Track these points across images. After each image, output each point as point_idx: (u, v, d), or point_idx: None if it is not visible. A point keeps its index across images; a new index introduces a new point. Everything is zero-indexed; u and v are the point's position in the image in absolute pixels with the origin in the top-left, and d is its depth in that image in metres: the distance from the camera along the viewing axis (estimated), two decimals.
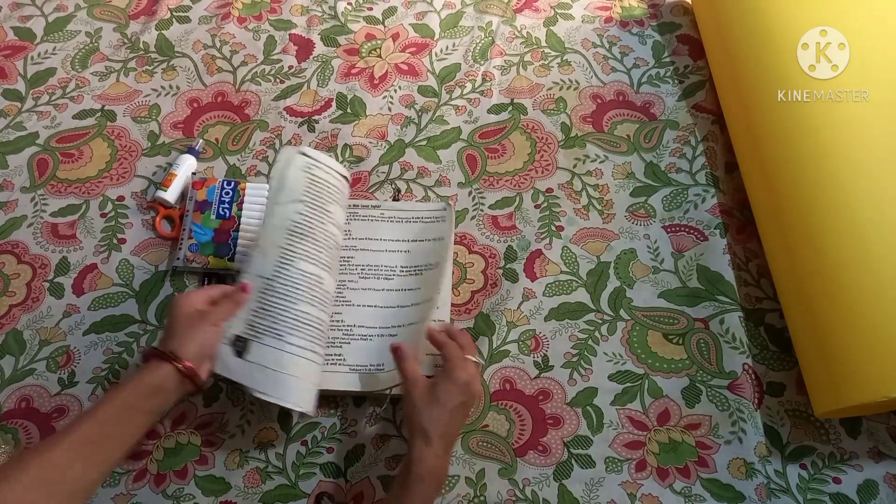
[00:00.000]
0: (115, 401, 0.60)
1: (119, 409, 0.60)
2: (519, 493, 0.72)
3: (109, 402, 0.60)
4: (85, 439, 0.57)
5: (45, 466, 0.54)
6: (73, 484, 0.56)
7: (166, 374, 0.62)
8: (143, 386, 0.61)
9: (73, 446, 0.56)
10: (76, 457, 0.56)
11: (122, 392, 0.60)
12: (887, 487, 0.71)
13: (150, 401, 0.61)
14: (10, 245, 0.85)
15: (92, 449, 0.57)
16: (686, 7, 1.06)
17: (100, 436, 0.58)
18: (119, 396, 0.60)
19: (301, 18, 1.06)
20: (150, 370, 0.62)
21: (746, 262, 0.84)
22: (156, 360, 0.63)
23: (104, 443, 0.58)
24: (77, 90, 0.98)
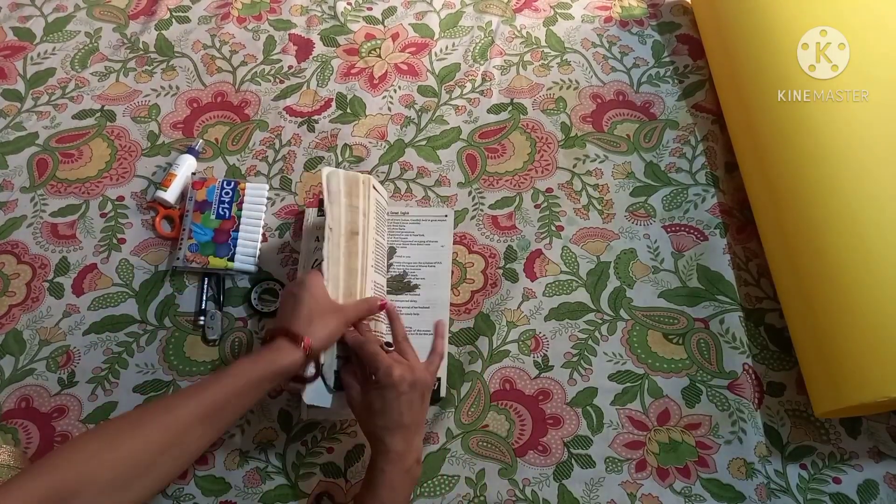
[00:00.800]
0: (244, 375, 0.60)
1: (245, 382, 0.60)
2: (519, 493, 0.72)
3: (238, 375, 0.60)
4: (208, 406, 0.58)
5: (169, 428, 0.56)
6: (189, 446, 0.58)
7: (295, 359, 0.62)
8: (274, 367, 0.61)
9: (197, 411, 0.57)
10: (197, 422, 0.57)
11: (252, 367, 0.61)
12: (887, 487, 0.71)
13: (275, 380, 0.62)
14: (9, 245, 0.85)
15: (213, 416, 0.58)
16: (686, 7, 1.06)
17: (223, 404, 0.59)
18: (248, 371, 0.60)
19: (301, 18, 1.05)
20: (282, 353, 0.62)
21: (746, 262, 0.84)
22: (286, 342, 0.62)
23: (224, 411, 0.59)
24: (77, 90, 0.97)
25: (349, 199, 0.74)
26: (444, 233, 0.84)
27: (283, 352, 0.62)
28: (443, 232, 0.84)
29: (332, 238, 0.71)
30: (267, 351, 0.62)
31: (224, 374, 0.60)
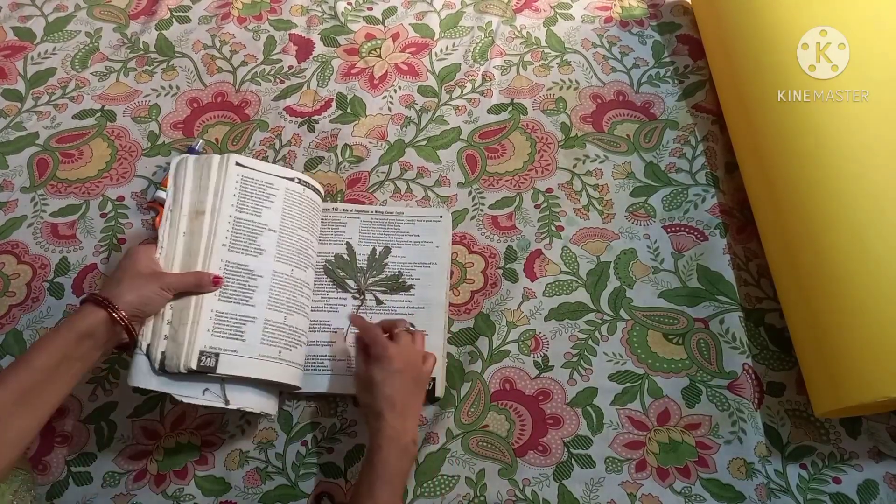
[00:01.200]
0: (48, 347, 0.59)
1: (52, 355, 0.59)
2: (519, 494, 0.72)
3: (43, 349, 0.59)
4: (22, 388, 0.57)
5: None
6: (12, 433, 0.56)
7: (98, 320, 0.61)
8: (75, 331, 0.60)
9: (11, 396, 0.56)
10: (13, 406, 0.56)
11: (55, 338, 0.60)
12: (887, 487, 0.71)
13: (81, 346, 0.60)
14: (10, 245, 0.85)
15: (29, 397, 0.57)
16: (686, 7, 1.06)
17: (36, 383, 0.58)
18: (52, 342, 0.59)
19: (301, 18, 1.05)
20: (83, 315, 0.61)
21: (746, 262, 0.84)
22: (90, 305, 0.62)
23: (41, 391, 0.58)
24: (77, 90, 0.98)
25: (198, 180, 0.73)
26: (439, 233, 0.84)
27: (85, 313, 0.61)
28: (438, 233, 0.84)
29: (169, 217, 0.71)
30: (70, 316, 0.62)
31: (29, 352, 0.59)
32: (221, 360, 0.67)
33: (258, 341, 0.70)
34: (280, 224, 0.75)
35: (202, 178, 0.73)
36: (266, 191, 0.75)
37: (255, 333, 0.70)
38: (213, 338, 0.68)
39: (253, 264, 0.72)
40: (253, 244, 0.73)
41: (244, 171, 0.75)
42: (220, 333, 0.68)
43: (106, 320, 0.62)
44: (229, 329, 0.69)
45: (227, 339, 0.68)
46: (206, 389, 0.68)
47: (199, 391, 0.68)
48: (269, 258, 0.73)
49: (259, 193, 0.75)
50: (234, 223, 0.72)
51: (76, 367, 0.61)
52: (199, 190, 0.73)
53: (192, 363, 0.66)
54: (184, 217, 0.72)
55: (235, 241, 0.72)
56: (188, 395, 0.67)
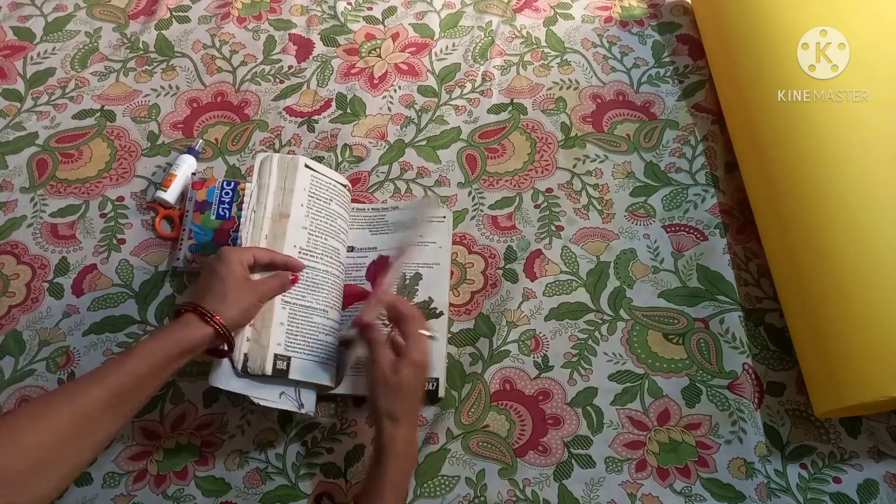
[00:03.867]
0: (150, 355, 0.58)
1: (152, 363, 0.58)
2: (519, 494, 0.72)
3: (143, 355, 0.58)
4: (116, 391, 0.56)
5: (74, 417, 0.54)
6: (98, 435, 0.56)
7: (205, 336, 0.61)
8: (180, 343, 0.59)
9: (103, 398, 0.55)
10: (104, 409, 0.55)
11: (157, 346, 0.59)
12: (887, 487, 0.71)
13: (183, 359, 0.60)
14: (9, 245, 0.85)
15: (120, 402, 0.56)
16: (686, 7, 1.06)
17: (131, 388, 0.57)
18: (154, 351, 0.58)
19: (301, 18, 1.05)
20: (189, 328, 0.60)
21: (746, 262, 0.84)
22: (195, 318, 0.61)
23: (133, 396, 0.57)
24: (76, 90, 0.97)
25: (282, 181, 0.73)
26: (442, 234, 0.84)
27: (192, 328, 0.60)
28: (441, 233, 0.84)
29: (253, 219, 0.71)
30: (174, 327, 0.60)
31: (129, 357, 0.58)
32: (293, 365, 0.68)
33: (322, 345, 0.71)
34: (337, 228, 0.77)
35: (286, 179, 0.74)
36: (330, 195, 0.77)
37: (320, 337, 0.71)
38: (286, 341, 0.69)
39: (321, 267, 0.74)
40: (319, 248, 0.74)
41: (313, 175, 0.76)
42: (292, 336, 0.69)
43: (211, 335, 0.61)
44: (299, 333, 0.70)
45: (297, 343, 0.69)
46: (282, 393, 0.68)
47: (276, 394, 0.68)
48: (328, 261, 0.75)
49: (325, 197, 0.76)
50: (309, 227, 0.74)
51: (167, 375, 0.60)
52: (284, 192, 0.73)
53: (268, 368, 0.66)
54: (267, 219, 0.72)
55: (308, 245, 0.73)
56: (266, 399, 0.67)
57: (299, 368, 0.69)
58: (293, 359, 0.68)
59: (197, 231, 0.83)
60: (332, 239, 0.76)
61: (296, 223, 0.73)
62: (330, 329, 0.73)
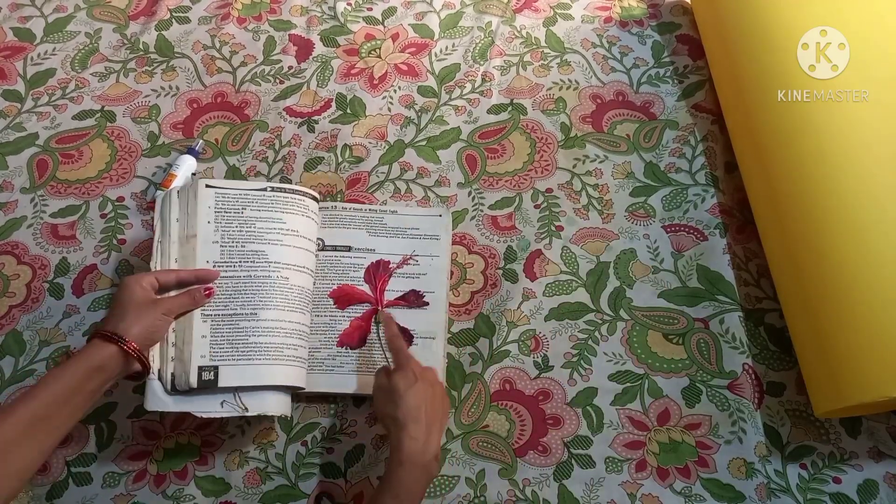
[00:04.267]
0: (59, 381, 0.59)
1: (62, 388, 0.59)
2: (519, 494, 0.72)
3: (53, 382, 0.59)
4: (29, 419, 0.57)
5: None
6: (16, 464, 0.56)
7: (109, 354, 0.62)
8: (86, 366, 0.61)
9: (18, 426, 0.56)
10: (20, 437, 0.56)
11: (66, 372, 0.60)
12: (887, 487, 0.71)
13: (92, 381, 0.61)
14: (9, 246, 0.85)
15: (36, 429, 0.57)
16: (686, 7, 1.06)
17: (44, 415, 0.58)
18: (62, 376, 0.60)
19: (301, 19, 1.06)
20: (94, 350, 0.62)
21: (746, 262, 0.84)
22: (99, 340, 0.62)
23: (48, 422, 0.58)
24: (77, 91, 0.98)
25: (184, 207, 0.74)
26: (440, 229, 0.84)
27: (96, 348, 0.62)
28: (439, 228, 0.84)
29: (160, 249, 0.73)
30: (80, 351, 0.62)
31: (38, 385, 0.59)
32: (222, 373, 0.68)
33: (257, 347, 0.70)
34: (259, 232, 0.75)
35: (188, 204, 0.74)
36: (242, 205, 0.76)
37: (251, 340, 0.70)
38: (211, 352, 0.69)
39: (241, 274, 0.73)
40: (236, 256, 0.73)
41: (217, 191, 0.75)
42: (217, 346, 0.69)
43: (116, 354, 0.62)
44: (225, 341, 0.70)
45: (223, 351, 0.69)
46: (223, 401, 0.69)
47: (216, 404, 0.69)
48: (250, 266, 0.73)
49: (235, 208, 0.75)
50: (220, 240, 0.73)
51: (84, 399, 0.61)
52: (187, 216, 0.74)
53: (193, 381, 0.67)
54: (173, 244, 0.73)
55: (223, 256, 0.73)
56: (207, 411, 0.68)
57: (232, 375, 0.69)
58: (221, 367, 0.69)
59: None
60: (252, 244, 0.74)
61: (205, 240, 0.73)
62: (266, 329, 0.71)
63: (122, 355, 0.63)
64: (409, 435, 0.62)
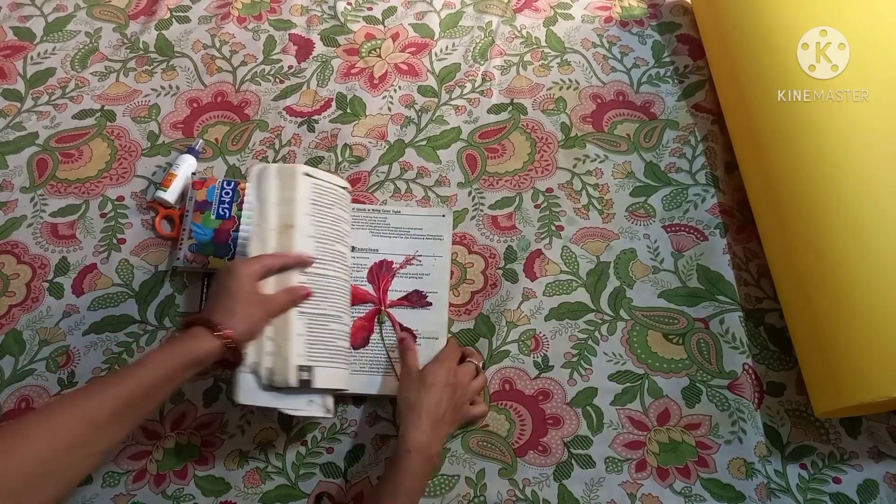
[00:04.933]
0: (159, 366, 0.59)
1: (160, 374, 0.58)
2: (519, 494, 0.72)
3: (151, 366, 0.58)
4: (124, 401, 0.56)
5: (84, 425, 0.54)
6: (102, 444, 0.55)
7: (212, 348, 0.61)
8: (188, 355, 0.60)
9: (111, 406, 0.55)
10: (112, 418, 0.55)
11: (166, 357, 0.59)
12: (887, 487, 0.71)
13: (190, 371, 0.61)
14: (9, 245, 0.85)
15: (127, 411, 0.57)
16: (686, 7, 1.06)
17: (138, 399, 0.57)
18: (163, 363, 0.59)
19: (301, 18, 1.05)
20: (197, 340, 0.61)
21: (746, 262, 0.84)
22: (203, 331, 0.62)
23: (139, 405, 0.58)
24: (77, 90, 0.97)
25: (282, 192, 0.73)
26: (442, 229, 0.84)
27: (200, 340, 0.61)
28: (441, 228, 0.84)
29: (258, 234, 0.71)
30: (183, 339, 0.61)
31: (138, 368, 0.58)
32: (316, 374, 0.69)
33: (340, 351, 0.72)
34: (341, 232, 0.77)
35: (286, 189, 0.73)
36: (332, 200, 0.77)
37: (337, 343, 0.72)
38: (307, 351, 0.69)
39: (331, 274, 0.74)
40: (328, 254, 0.74)
41: (314, 182, 0.76)
42: (311, 346, 0.69)
43: (219, 349, 0.62)
44: (319, 342, 0.70)
45: (317, 352, 0.70)
46: (310, 400, 0.69)
47: (304, 402, 0.69)
48: (337, 267, 0.75)
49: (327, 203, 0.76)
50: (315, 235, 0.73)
51: (174, 387, 0.61)
52: (285, 203, 0.73)
53: (292, 380, 0.67)
54: (271, 231, 0.72)
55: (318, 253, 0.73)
56: (295, 409, 0.68)
57: (323, 377, 0.69)
58: (315, 368, 0.69)
59: (197, 231, 0.83)
60: (338, 244, 0.76)
61: (302, 232, 0.72)
62: (344, 334, 0.74)
63: (223, 350, 0.62)
64: (420, 428, 0.65)
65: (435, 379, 0.68)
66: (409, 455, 0.63)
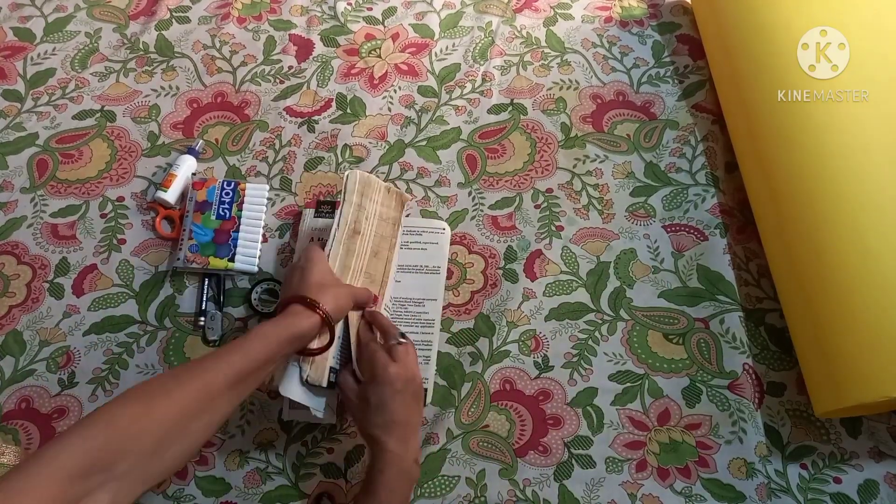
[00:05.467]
0: (269, 338, 0.60)
1: (267, 349, 0.60)
2: (519, 494, 0.72)
3: (263, 338, 0.60)
4: (237, 373, 0.57)
5: (202, 392, 0.55)
6: (217, 413, 0.57)
7: (313, 323, 0.63)
8: (291, 329, 0.61)
9: (228, 375, 0.57)
10: (228, 387, 0.57)
11: (272, 331, 0.60)
12: (887, 487, 0.71)
13: (293, 346, 0.62)
14: (9, 246, 0.85)
15: (240, 382, 0.58)
16: (686, 7, 1.06)
17: (249, 371, 0.58)
18: (272, 335, 0.60)
19: (301, 19, 1.05)
20: (297, 316, 0.62)
21: (746, 262, 0.84)
22: (301, 308, 0.63)
23: (250, 378, 0.59)
24: (77, 91, 0.97)
25: (360, 198, 0.76)
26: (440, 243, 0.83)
27: (300, 316, 0.62)
28: (440, 242, 0.83)
29: (335, 234, 0.74)
30: (285, 316, 0.63)
31: (250, 339, 0.59)
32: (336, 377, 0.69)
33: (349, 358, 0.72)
34: None
35: (364, 196, 0.77)
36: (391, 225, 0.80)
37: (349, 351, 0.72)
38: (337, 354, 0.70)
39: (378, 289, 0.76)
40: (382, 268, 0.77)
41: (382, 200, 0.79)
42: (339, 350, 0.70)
43: (318, 324, 0.63)
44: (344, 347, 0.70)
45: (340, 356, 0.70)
46: (328, 405, 0.70)
47: (322, 405, 0.69)
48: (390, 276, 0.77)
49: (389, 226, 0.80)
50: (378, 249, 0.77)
51: (277, 362, 0.62)
52: (359, 209, 0.76)
53: (324, 380, 0.68)
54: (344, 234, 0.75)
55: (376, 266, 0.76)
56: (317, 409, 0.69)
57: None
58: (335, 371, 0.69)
59: (197, 231, 0.83)
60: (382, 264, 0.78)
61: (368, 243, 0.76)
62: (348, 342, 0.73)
63: (320, 326, 0.63)
64: (386, 448, 0.62)
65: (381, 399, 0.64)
66: (382, 473, 0.61)
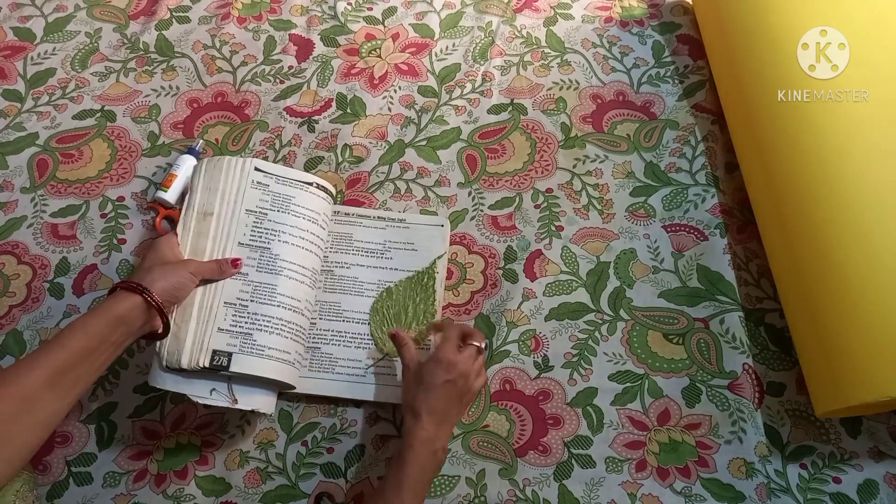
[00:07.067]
0: (81, 331, 0.59)
1: (85, 338, 0.59)
2: (519, 494, 0.72)
3: (74, 332, 0.59)
4: (54, 369, 0.56)
5: (15, 398, 0.54)
6: (41, 414, 0.56)
7: (132, 304, 0.62)
8: (109, 316, 0.60)
9: (43, 376, 0.56)
10: (45, 387, 0.56)
11: (88, 322, 0.60)
12: (887, 487, 0.71)
13: (115, 332, 0.61)
14: (10, 245, 0.85)
15: (60, 379, 0.57)
16: (686, 7, 1.06)
17: (70, 365, 0.57)
18: (84, 327, 0.59)
19: (301, 18, 1.05)
20: (117, 301, 0.62)
21: (746, 262, 0.84)
22: (123, 291, 0.63)
23: (72, 372, 0.58)
24: (77, 90, 0.97)
25: (208, 181, 0.75)
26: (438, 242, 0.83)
27: (119, 299, 0.62)
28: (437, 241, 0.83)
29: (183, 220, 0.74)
30: (104, 302, 0.62)
31: (69, 331, 0.59)
32: (234, 359, 0.68)
33: (267, 340, 0.70)
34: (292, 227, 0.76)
35: (212, 180, 0.75)
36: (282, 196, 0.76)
37: (266, 332, 0.70)
38: (227, 337, 0.69)
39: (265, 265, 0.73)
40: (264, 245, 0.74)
41: (260, 176, 0.76)
42: (233, 332, 0.69)
43: (140, 305, 0.63)
44: (241, 328, 0.70)
45: (239, 338, 0.69)
46: (213, 389, 0.69)
47: (206, 391, 0.69)
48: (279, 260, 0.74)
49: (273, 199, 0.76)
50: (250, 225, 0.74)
51: (109, 351, 0.61)
52: (209, 192, 0.75)
53: (205, 361, 0.67)
54: (192, 219, 0.74)
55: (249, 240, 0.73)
56: (197, 395, 0.68)
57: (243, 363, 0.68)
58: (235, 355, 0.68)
59: None
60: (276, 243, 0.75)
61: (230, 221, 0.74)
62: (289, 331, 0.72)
63: (145, 308, 0.63)
64: (422, 426, 0.65)
65: (433, 379, 0.67)
66: (413, 449, 0.63)
